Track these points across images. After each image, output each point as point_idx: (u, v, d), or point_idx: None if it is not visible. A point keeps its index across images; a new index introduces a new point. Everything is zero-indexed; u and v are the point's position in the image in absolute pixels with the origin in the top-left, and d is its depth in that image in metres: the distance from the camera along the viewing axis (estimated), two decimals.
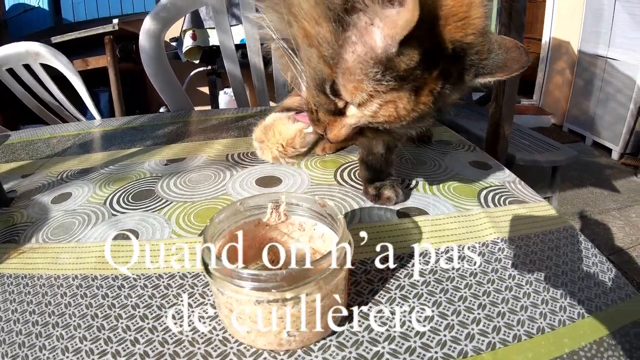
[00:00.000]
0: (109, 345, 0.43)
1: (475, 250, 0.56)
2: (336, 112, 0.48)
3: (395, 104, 0.44)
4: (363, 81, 0.42)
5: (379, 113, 0.45)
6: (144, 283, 0.52)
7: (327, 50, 0.43)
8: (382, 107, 0.44)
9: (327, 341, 0.43)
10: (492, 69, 0.48)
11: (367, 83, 0.42)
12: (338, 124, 0.48)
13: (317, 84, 0.46)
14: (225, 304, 0.40)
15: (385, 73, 0.41)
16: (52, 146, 1.10)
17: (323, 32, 0.42)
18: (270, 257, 0.50)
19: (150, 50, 1.30)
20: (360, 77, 0.42)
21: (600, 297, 0.48)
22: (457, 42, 0.43)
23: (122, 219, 0.68)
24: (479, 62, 0.47)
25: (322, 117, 0.50)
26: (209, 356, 0.41)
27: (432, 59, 0.42)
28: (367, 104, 0.44)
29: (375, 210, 0.66)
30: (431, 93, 0.45)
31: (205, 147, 0.98)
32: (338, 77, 0.44)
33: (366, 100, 0.44)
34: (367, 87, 0.43)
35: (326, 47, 0.43)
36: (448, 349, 0.41)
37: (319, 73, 0.45)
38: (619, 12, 3.10)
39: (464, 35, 0.43)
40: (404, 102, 0.44)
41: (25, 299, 0.51)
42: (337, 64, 0.43)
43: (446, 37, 0.42)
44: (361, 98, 0.44)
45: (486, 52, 0.47)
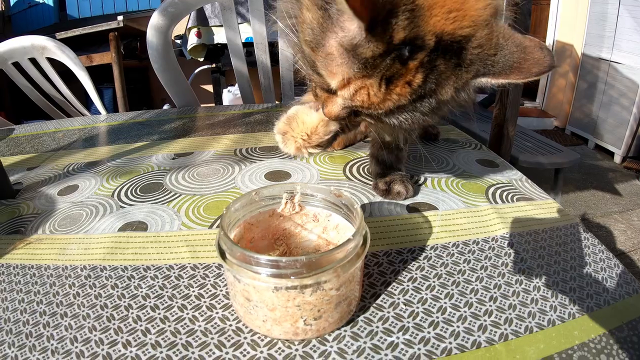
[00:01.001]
0: (119, 335, 0.43)
1: (485, 244, 0.56)
2: (330, 91, 0.49)
3: (367, 90, 0.45)
4: (338, 66, 0.44)
5: (354, 97, 0.46)
6: (154, 274, 0.52)
7: (309, 36, 0.46)
8: (356, 92, 0.46)
9: (342, 331, 0.43)
10: (503, 68, 0.45)
11: (341, 68, 0.44)
12: (332, 102, 0.50)
13: (310, 65, 0.49)
14: (242, 292, 0.40)
15: (355, 60, 0.43)
16: (57, 140, 1.10)
17: (310, 18, 0.45)
18: (283, 249, 0.50)
19: (158, 46, 1.30)
20: (336, 63, 0.44)
21: (609, 292, 0.48)
22: (447, 35, 0.42)
23: (130, 210, 0.68)
24: (484, 57, 0.45)
25: (319, 93, 0.52)
26: (222, 346, 0.41)
27: (411, 51, 0.42)
28: (343, 88, 0.46)
29: (385, 205, 0.66)
30: (408, 85, 0.44)
31: (212, 142, 0.98)
32: (320, 61, 0.46)
33: (343, 83, 0.46)
34: (340, 73, 0.45)
35: (309, 32, 0.46)
36: (462, 339, 0.41)
37: (307, 55, 0.48)
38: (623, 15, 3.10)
39: (456, 27, 0.42)
40: (374, 90, 0.45)
41: (32, 289, 0.51)
42: (318, 48, 0.46)
43: (429, 29, 0.42)
44: (338, 82, 0.46)
45: (493, 47, 0.45)
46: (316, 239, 0.51)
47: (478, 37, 0.44)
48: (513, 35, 0.45)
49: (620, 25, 3.15)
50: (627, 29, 3.09)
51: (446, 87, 0.46)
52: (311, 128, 0.57)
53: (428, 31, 0.41)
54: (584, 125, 3.62)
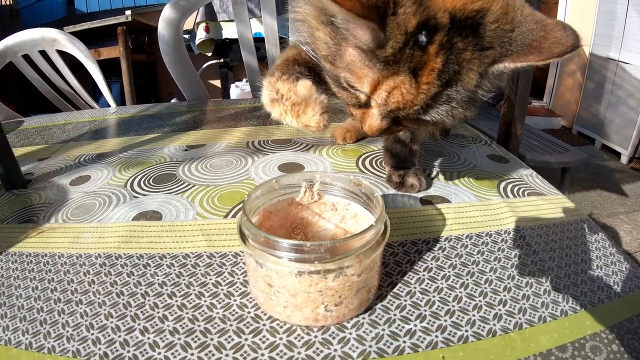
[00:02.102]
0: (136, 322, 0.43)
1: (498, 236, 0.56)
2: (362, 105, 0.49)
3: (399, 88, 0.44)
4: (361, 70, 0.44)
5: (388, 100, 0.45)
6: (170, 262, 0.53)
7: (325, 50, 0.46)
8: (389, 93, 0.44)
9: (360, 319, 0.43)
10: (521, 47, 0.42)
11: (365, 72, 0.44)
12: (368, 116, 0.50)
13: (334, 80, 0.49)
14: (263, 277, 0.41)
15: (376, 60, 0.43)
16: (67, 132, 1.11)
17: (322, 35, 0.46)
18: (300, 238, 0.50)
19: (169, 39, 1.30)
20: (358, 69, 0.45)
21: (619, 285, 0.49)
22: (459, 11, 0.40)
23: (144, 200, 0.68)
24: (501, 34, 0.42)
25: (353, 112, 0.52)
26: (241, 333, 0.42)
27: (427, 34, 0.40)
28: (376, 93, 0.45)
29: (399, 197, 0.66)
30: (432, 71, 0.42)
31: (224, 134, 0.98)
32: (344, 72, 0.46)
33: (373, 88, 0.45)
34: (366, 75, 0.44)
35: (324, 47, 0.46)
36: (478, 327, 0.42)
37: (329, 71, 0.48)
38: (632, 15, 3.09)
39: (465, 2, 0.40)
40: (406, 86, 0.43)
41: (46, 277, 0.52)
42: (337, 61, 0.46)
43: (439, 7, 0.40)
44: (366, 85, 0.45)
45: (510, 21, 0.42)
46: (333, 228, 0.51)
47: (493, 11, 0.41)
48: (533, 12, 0.43)
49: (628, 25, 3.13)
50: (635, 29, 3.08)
51: (470, 71, 0.43)
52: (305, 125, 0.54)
53: (438, 9, 0.40)
54: (591, 125, 3.60)
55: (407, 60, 0.42)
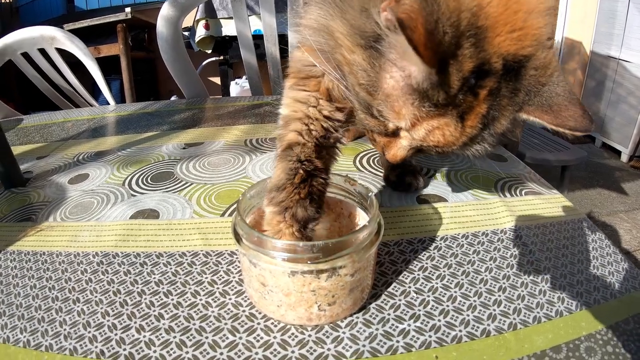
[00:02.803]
0: (132, 320, 0.44)
1: (494, 236, 0.56)
2: (389, 134, 0.46)
3: (442, 130, 0.42)
4: (403, 108, 0.41)
5: (427, 138, 0.43)
6: (167, 261, 0.53)
7: (363, 78, 0.41)
8: (429, 133, 0.42)
9: (354, 318, 0.43)
10: (545, 102, 0.43)
11: (407, 109, 0.41)
12: (394, 145, 0.47)
13: (364, 107, 0.44)
14: (257, 276, 0.41)
15: (424, 101, 0.39)
16: (66, 130, 1.11)
17: (358, 59, 0.41)
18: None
19: (168, 37, 1.30)
20: (400, 104, 0.41)
21: (615, 286, 0.49)
22: (511, 56, 0.39)
23: (141, 199, 0.68)
24: (535, 83, 0.42)
25: (377, 138, 0.49)
26: (235, 331, 0.42)
27: (479, 79, 0.39)
28: (413, 129, 0.43)
29: (396, 196, 0.66)
30: (477, 116, 0.41)
31: (222, 132, 0.98)
32: (380, 104, 0.42)
33: (412, 125, 0.42)
34: (409, 114, 0.41)
35: (362, 74, 0.41)
36: (471, 328, 0.42)
37: (362, 99, 0.44)
38: (633, 13, 3.07)
39: (519, 47, 0.39)
40: (450, 129, 0.41)
41: (44, 275, 0.52)
42: (376, 91, 0.41)
43: (494, 51, 0.38)
44: (406, 123, 0.42)
45: (547, 76, 0.42)
46: (328, 226, 0.52)
47: (537, 57, 0.41)
48: (565, 80, 0.43)
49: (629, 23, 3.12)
50: (636, 27, 3.07)
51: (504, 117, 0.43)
52: None
53: (494, 53, 0.38)
54: None
55: (457, 104, 0.40)
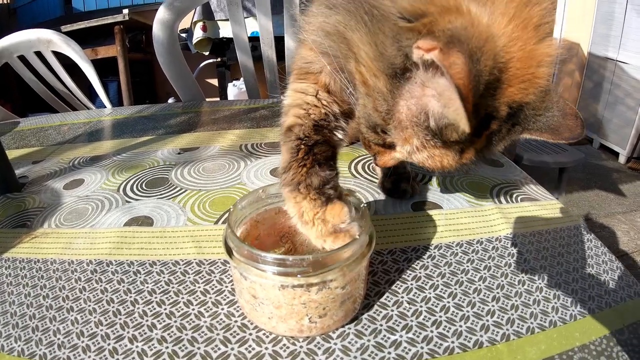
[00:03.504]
0: (125, 330, 0.44)
1: (489, 244, 0.56)
2: (386, 146, 0.49)
3: (441, 159, 0.45)
4: (412, 137, 0.43)
5: (425, 162, 0.46)
6: (160, 269, 0.53)
7: (381, 106, 0.43)
8: (429, 158, 0.45)
9: (346, 329, 0.43)
10: (542, 127, 0.46)
11: (417, 140, 0.43)
12: (387, 155, 0.50)
13: (370, 125, 0.47)
14: (248, 289, 0.41)
15: (435, 138, 0.42)
16: (62, 133, 1.11)
17: (380, 85, 0.42)
18: (288, 246, 0.50)
19: (164, 40, 1.30)
20: (410, 134, 0.43)
21: (610, 294, 0.48)
22: (516, 103, 0.42)
23: (136, 205, 0.68)
24: (532, 117, 0.45)
25: (373, 147, 0.52)
26: (227, 342, 0.42)
27: (485, 123, 0.42)
28: (414, 153, 0.45)
29: (390, 203, 0.66)
30: (476, 150, 0.45)
31: (218, 137, 0.98)
32: (390, 128, 0.45)
33: (414, 151, 0.45)
34: (415, 143, 0.44)
35: (381, 102, 0.43)
36: (464, 339, 0.42)
37: (370, 119, 0.46)
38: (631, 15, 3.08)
39: (524, 95, 0.42)
40: (449, 159, 0.45)
41: (38, 283, 0.52)
42: (390, 117, 0.44)
43: (504, 100, 0.41)
44: (409, 149, 0.45)
45: (543, 109, 0.45)
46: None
47: (536, 100, 0.44)
48: (559, 100, 0.46)
49: (627, 25, 3.12)
50: (634, 29, 3.07)
51: (500, 145, 0.47)
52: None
53: (503, 102, 0.41)
54: (589, 124, 3.59)
55: (461, 142, 0.43)
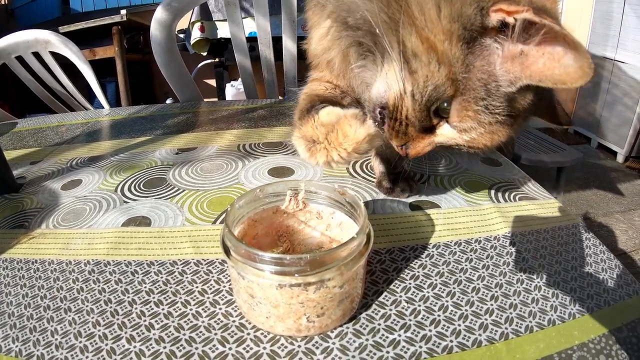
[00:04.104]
0: (123, 330, 0.44)
1: (487, 243, 0.56)
2: (426, 130, 0.46)
3: (492, 135, 0.44)
4: (481, 112, 0.41)
5: (475, 140, 0.44)
6: (158, 269, 0.53)
7: (460, 73, 0.40)
8: (481, 136, 0.44)
9: (344, 328, 0.43)
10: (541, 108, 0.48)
11: (484, 115, 0.42)
12: (424, 141, 0.47)
13: (429, 100, 0.43)
14: (245, 288, 0.41)
15: (505, 108, 0.41)
16: (60, 134, 1.11)
17: (456, 52, 0.40)
18: (286, 246, 0.50)
19: (162, 40, 1.30)
20: (479, 107, 0.41)
21: (609, 293, 0.48)
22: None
23: (133, 206, 0.68)
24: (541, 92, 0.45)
25: (410, 132, 0.47)
26: (225, 342, 0.42)
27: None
28: (469, 131, 0.43)
29: (389, 203, 0.66)
30: (517, 127, 0.45)
31: (216, 137, 0.98)
32: (456, 101, 0.42)
33: (471, 128, 0.43)
34: (480, 118, 0.42)
35: (459, 68, 0.40)
36: (463, 338, 0.42)
37: (438, 91, 0.42)
38: (629, 14, 3.08)
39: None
40: (500, 135, 0.44)
41: (36, 284, 0.52)
42: (463, 88, 0.41)
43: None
44: (468, 125, 0.43)
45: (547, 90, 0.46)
46: (319, 236, 0.51)
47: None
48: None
49: (625, 24, 3.13)
50: (632, 28, 3.07)
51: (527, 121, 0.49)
52: (354, 144, 0.47)
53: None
54: (587, 124, 3.60)
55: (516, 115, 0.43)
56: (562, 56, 0.36)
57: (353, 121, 0.47)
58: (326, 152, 0.48)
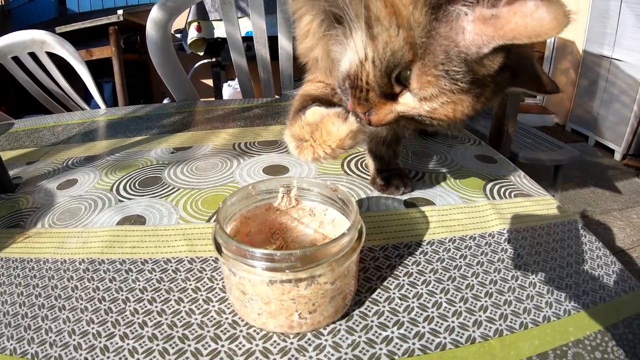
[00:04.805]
0: (116, 328, 0.44)
1: (482, 240, 0.56)
2: (388, 96, 0.46)
3: (455, 106, 0.43)
4: (441, 77, 0.41)
5: (437, 110, 0.43)
6: (152, 267, 0.53)
7: (419, 37, 0.40)
8: (443, 105, 0.43)
9: (337, 325, 0.43)
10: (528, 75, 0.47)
11: (444, 80, 0.41)
12: (385, 109, 0.46)
13: (388, 66, 0.42)
14: (237, 285, 0.41)
15: (466, 74, 0.40)
16: (56, 134, 1.10)
17: (419, 16, 0.39)
18: (279, 243, 0.50)
19: (157, 40, 1.30)
20: (439, 73, 0.40)
21: (605, 289, 0.48)
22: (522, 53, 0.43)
23: (128, 204, 0.68)
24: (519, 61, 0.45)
25: (371, 97, 0.46)
26: (218, 339, 0.42)
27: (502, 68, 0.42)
28: (430, 100, 0.43)
29: (383, 200, 0.66)
30: (486, 100, 0.44)
31: (211, 136, 0.98)
32: (416, 67, 0.42)
33: (432, 96, 0.42)
34: (441, 84, 0.41)
35: (419, 32, 0.40)
36: (456, 334, 0.42)
37: (396, 56, 0.41)
38: (625, 12, 3.09)
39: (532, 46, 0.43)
40: (464, 106, 0.43)
41: (31, 283, 0.52)
42: (422, 53, 0.41)
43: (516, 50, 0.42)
44: (429, 93, 0.42)
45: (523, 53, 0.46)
46: (312, 233, 0.51)
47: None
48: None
49: (622, 23, 3.13)
50: (629, 26, 3.08)
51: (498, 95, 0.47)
52: (337, 141, 0.49)
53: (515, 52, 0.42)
54: (584, 122, 3.61)
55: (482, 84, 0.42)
56: (534, 11, 0.36)
57: (335, 119, 0.49)
58: (312, 149, 0.51)
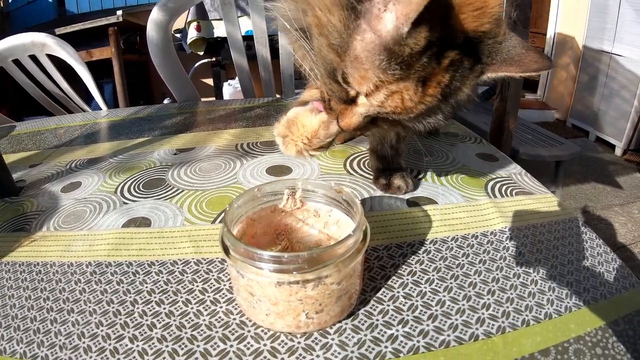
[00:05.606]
0: (125, 330, 0.44)
1: (484, 238, 0.57)
2: (348, 101, 0.48)
3: (401, 94, 0.44)
4: (369, 70, 0.42)
5: (385, 103, 0.44)
6: (159, 269, 0.53)
7: (335, 39, 0.43)
8: (388, 97, 0.44)
9: (343, 324, 0.44)
10: (506, 58, 0.46)
11: (373, 72, 0.42)
12: (349, 113, 0.48)
13: (329, 72, 0.46)
14: (245, 286, 0.41)
15: (390, 60, 0.41)
16: (59, 136, 1.11)
17: (334, 20, 0.42)
18: (285, 244, 0.51)
19: (158, 41, 1.30)
20: (367, 66, 0.42)
21: (605, 286, 0.49)
22: (472, 32, 0.43)
23: (133, 207, 0.68)
24: (493, 46, 0.45)
25: (334, 106, 0.50)
26: (226, 339, 0.42)
27: (441, 49, 0.42)
28: (374, 94, 0.44)
29: (386, 199, 0.67)
30: (439, 85, 0.44)
31: (214, 137, 0.99)
32: (347, 67, 0.43)
33: (373, 90, 0.44)
34: (373, 77, 0.42)
35: (335, 35, 0.43)
36: (460, 332, 0.42)
37: (329, 62, 0.45)
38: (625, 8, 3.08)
39: (479, 24, 0.43)
40: (410, 93, 0.43)
41: (38, 286, 0.52)
42: (345, 52, 0.43)
43: (458, 27, 0.42)
44: (368, 87, 0.44)
45: (502, 34, 0.46)
46: (317, 234, 0.52)
47: (493, 31, 0.44)
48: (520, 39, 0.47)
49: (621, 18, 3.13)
50: (628, 22, 3.08)
51: (465, 87, 0.47)
52: (312, 132, 0.54)
53: (457, 29, 0.42)
54: (585, 117, 3.61)
55: (420, 67, 0.42)
56: None
57: (309, 113, 0.55)
58: (294, 143, 0.55)
